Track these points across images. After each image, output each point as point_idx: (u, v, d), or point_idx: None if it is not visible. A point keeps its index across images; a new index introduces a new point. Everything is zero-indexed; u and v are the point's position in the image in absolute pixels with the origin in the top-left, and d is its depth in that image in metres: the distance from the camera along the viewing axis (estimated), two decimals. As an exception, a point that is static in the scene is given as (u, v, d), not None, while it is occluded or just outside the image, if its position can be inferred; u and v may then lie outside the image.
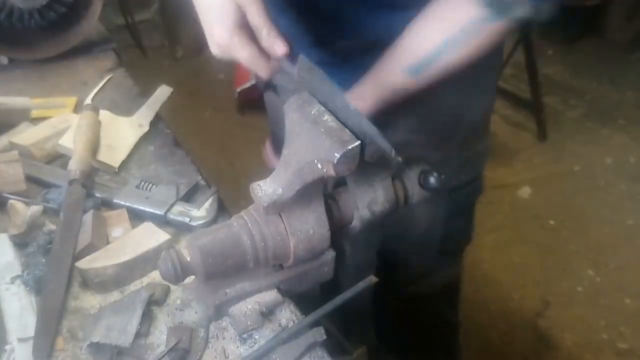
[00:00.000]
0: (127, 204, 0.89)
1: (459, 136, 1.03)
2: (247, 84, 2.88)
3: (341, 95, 0.63)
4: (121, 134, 1.05)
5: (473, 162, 1.10)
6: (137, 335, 0.69)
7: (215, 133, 2.99)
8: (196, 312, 0.74)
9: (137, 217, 0.88)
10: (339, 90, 0.64)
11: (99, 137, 1.01)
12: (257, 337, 0.71)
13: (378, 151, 0.62)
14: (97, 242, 0.81)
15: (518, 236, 2.32)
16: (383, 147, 0.62)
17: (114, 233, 0.85)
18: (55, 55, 1.29)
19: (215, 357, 0.69)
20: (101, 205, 0.90)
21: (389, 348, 1.41)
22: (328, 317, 0.72)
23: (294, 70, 0.69)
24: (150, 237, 0.82)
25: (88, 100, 1.16)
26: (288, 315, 0.73)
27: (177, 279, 0.66)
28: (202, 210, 0.88)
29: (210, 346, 0.71)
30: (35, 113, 1.10)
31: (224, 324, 0.73)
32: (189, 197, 0.91)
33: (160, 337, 0.72)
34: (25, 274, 0.78)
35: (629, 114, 3.00)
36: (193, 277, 0.69)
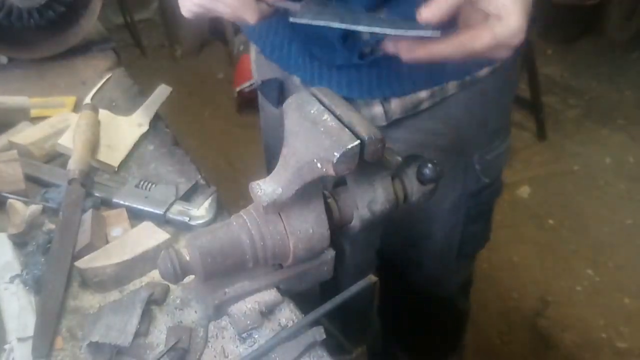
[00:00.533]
0: (127, 204, 0.89)
1: (481, 140, 1.01)
2: (247, 84, 2.87)
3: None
4: (120, 133, 1.05)
5: (494, 164, 1.07)
6: (137, 335, 0.69)
7: (215, 132, 2.99)
8: (195, 312, 0.74)
9: (136, 216, 0.88)
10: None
11: (98, 137, 1.01)
12: (256, 336, 0.71)
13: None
14: (97, 242, 0.81)
15: (517, 236, 2.32)
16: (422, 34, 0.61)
17: (114, 232, 0.85)
18: (54, 55, 1.29)
19: (215, 357, 0.69)
20: (100, 204, 0.90)
21: (404, 347, 1.41)
22: (328, 317, 0.72)
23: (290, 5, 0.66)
24: (150, 236, 0.82)
25: (87, 100, 1.16)
26: (287, 314, 0.73)
27: (177, 279, 0.66)
28: (201, 210, 0.88)
29: (210, 345, 0.71)
30: (34, 112, 1.09)
31: (224, 323, 0.73)
32: (189, 196, 0.92)
33: (159, 337, 0.71)
34: (25, 273, 0.78)
35: (629, 113, 2.99)
36: (192, 276, 0.69)
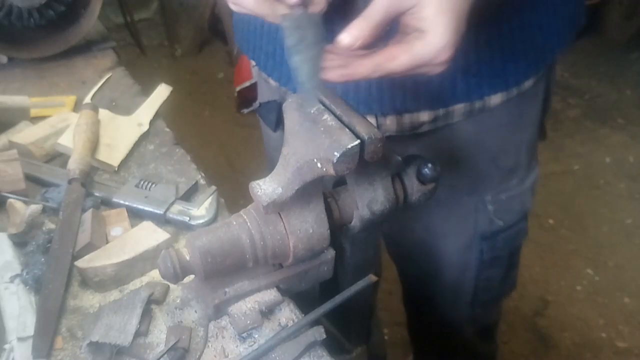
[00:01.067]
0: (127, 203, 0.89)
1: (494, 178, 0.92)
2: (247, 83, 2.87)
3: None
4: (120, 132, 1.05)
5: (511, 206, 0.96)
6: (137, 335, 0.69)
7: (215, 132, 2.99)
8: (196, 311, 0.74)
9: (136, 216, 0.88)
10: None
11: (98, 136, 1.01)
12: (256, 336, 0.71)
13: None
14: (97, 241, 0.81)
15: (517, 235, 2.32)
16: None
17: (113, 232, 0.85)
18: (54, 54, 1.29)
19: (215, 356, 0.69)
20: (100, 204, 0.90)
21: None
22: (328, 316, 0.72)
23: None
24: (150, 236, 0.82)
25: (87, 99, 1.16)
26: (287, 314, 0.73)
27: (177, 278, 0.66)
28: (201, 209, 0.88)
29: (210, 345, 0.71)
30: (34, 112, 1.09)
31: (224, 323, 0.73)
32: (189, 196, 0.92)
33: (159, 336, 0.71)
34: (25, 273, 0.77)
35: (628, 113, 3.00)
36: (192, 276, 0.69)
